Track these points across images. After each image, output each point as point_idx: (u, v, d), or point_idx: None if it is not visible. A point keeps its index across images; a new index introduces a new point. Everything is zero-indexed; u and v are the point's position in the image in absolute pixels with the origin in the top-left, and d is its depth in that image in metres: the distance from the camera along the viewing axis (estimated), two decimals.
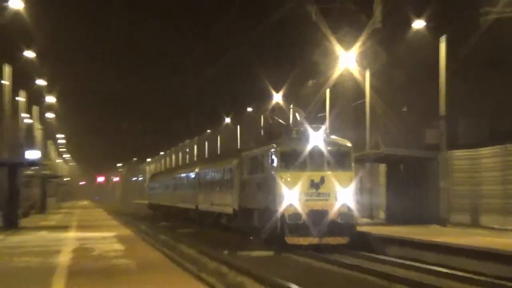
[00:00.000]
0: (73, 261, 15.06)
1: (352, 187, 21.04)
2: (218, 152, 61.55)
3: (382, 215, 26.98)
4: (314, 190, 20.60)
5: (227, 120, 60.78)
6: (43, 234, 25.74)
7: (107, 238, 22.56)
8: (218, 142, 63.62)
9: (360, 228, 21.39)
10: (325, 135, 21.57)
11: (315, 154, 21.10)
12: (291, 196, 20.40)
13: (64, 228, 29.23)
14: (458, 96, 25.09)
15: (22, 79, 37.06)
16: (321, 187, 20.54)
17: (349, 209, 20.63)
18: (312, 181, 20.55)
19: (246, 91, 52.68)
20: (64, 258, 15.67)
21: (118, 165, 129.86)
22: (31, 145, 44.01)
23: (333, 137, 22.11)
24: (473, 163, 22.48)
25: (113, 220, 38.91)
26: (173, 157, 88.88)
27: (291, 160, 21.08)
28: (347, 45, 27.95)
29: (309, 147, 21.03)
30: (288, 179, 20.72)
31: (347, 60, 27.99)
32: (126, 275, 12.57)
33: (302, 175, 20.72)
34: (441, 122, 23.40)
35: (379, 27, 27.56)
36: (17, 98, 37.73)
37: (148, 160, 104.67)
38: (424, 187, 24.29)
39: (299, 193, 20.48)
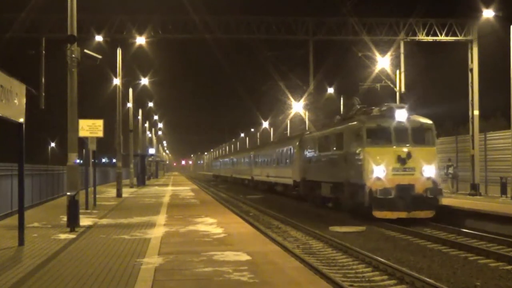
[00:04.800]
0: (170, 200, 28.50)
1: (436, 162, 21.31)
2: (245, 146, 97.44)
3: None
4: (400, 165, 20.55)
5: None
6: (156, 187, 44.91)
7: (186, 190, 38.84)
8: (247, 142, 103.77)
9: None
10: (408, 113, 21.75)
11: (401, 130, 21.22)
12: (378, 171, 20.53)
13: (166, 185, 49.74)
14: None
15: (140, 103, 58.71)
16: (407, 162, 20.58)
17: (434, 183, 20.72)
18: (398, 156, 20.59)
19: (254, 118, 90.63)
20: (166, 199, 29.18)
21: (191, 155, 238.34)
22: (151, 146, 79.32)
23: (415, 115, 22.35)
24: None
25: (188, 181, 68.61)
26: (218, 151, 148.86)
27: (377, 135, 21.45)
28: (299, 98, 45.29)
29: (394, 124, 21.29)
30: (375, 154, 20.88)
31: (298, 106, 47.50)
32: (194, 206, 24.93)
33: (388, 150, 20.85)
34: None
35: (312, 92, 39.79)
36: (138, 117, 54.16)
37: (205, 153, 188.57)
38: None
39: (386, 168, 20.52)
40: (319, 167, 27.71)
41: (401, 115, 21.47)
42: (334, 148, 25.04)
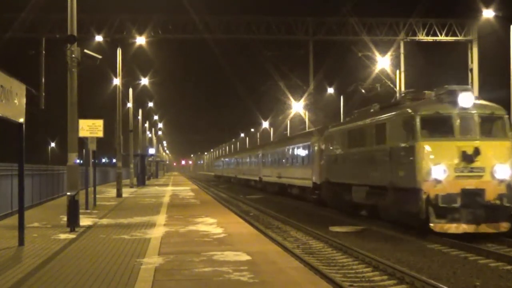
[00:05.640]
0: (170, 200, 28.52)
1: (511, 160, 16.78)
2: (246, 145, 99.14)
3: None
4: (465, 164, 16.29)
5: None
6: (156, 187, 44.92)
7: (186, 190, 38.90)
8: (246, 141, 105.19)
9: None
10: (475, 98, 17.44)
11: (466, 119, 16.91)
12: (438, 171, 16.25)
13: (166, 185, 50.13)
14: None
15: (140, 103, 58.87)
16: (475, 160, 16.28)
17: (510, 188, 16.39)
18: (463, 152, 16.28)
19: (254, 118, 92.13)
20: (166, 199, 29.20)
21: (191, 155, 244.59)
22: (151, 146, 79.02)
23: (482, 100, 18.08)
24: None
25: (188, 181, 69.02)
26: (218, 151, 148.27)
27: (436, 126, 17.01)
28: (299, 98, 45.53)
29: (457, 111, 16.87)
30: (433, 149, 16.64)
31: (298, 106, 47.92)
32: (194, 206, 24.94)
33: (450, 145, 16.59)
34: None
35: (312, 92, 39.81)
36: (138, 117, 54.26)
37: (205, 153, 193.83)
38: None
39: (447, 168, 16.26)
40: (349, 167, 22.92)
41: (466, 99, 16.87)
42: (373, 143, 20.30)
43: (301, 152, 33.09)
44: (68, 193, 16.27)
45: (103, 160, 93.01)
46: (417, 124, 16.94)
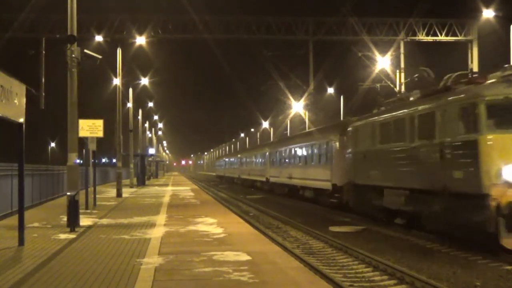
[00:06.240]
0: (170, 200, 28.54)
1: None
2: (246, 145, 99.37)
3: None
4: None
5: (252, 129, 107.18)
6: (156, 187, 45.12)
7: (186, 190, 39.13)
8: (246, 141, 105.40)
9: None
10: None
11: None
12: (509, 172, 13.07)
13: (166, 185, 50.40)
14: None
15: (139, 103, 58.93)
16: None
17: None
18: None
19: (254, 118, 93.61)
20: (166, 199, 29.23)
21: (191, 155, 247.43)
22: (151, 146, 79.71)
23: None
24: None
25: (188, 181, 69.58)
26: (219, 151, 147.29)
27: (505, 115, 13.58)
28: (299, 98, 45.61)
29: None
30: (502, 144, 13.34)
31: (298, 106, 48.20)
32: (194, 206, 24.94)
33: None
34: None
35: (312, 92, 39.78)
36: (138, 117, 54.35)
37: (205, 153, 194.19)
38: None
39: None
40: (381, 167, 19.56)
41: None
42: (414, 137, 16.96)
43: (318, 150, 29.56)
44: (68, 193, 16.28)
45: (103, 160, 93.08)
46: (481, 112, 13.59)
